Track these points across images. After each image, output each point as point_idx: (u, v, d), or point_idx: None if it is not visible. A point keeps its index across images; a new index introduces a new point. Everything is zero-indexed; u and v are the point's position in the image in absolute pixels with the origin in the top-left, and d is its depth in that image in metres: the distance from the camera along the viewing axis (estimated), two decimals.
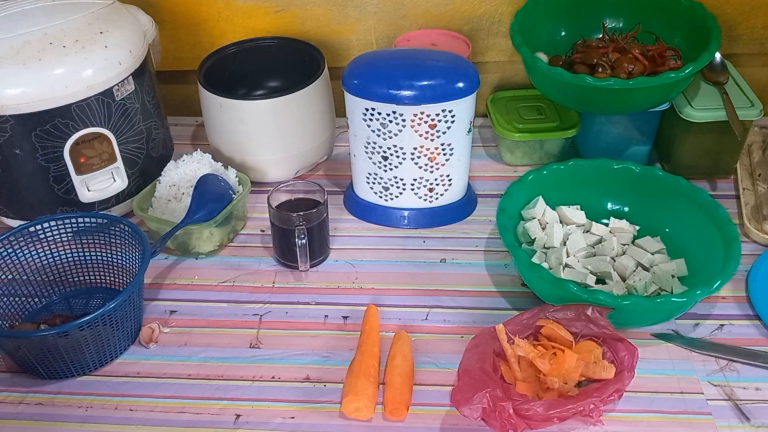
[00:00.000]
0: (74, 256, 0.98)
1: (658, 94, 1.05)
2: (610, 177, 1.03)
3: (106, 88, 0.99)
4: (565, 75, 1.02)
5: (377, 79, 0.98)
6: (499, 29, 1.24)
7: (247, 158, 1.13)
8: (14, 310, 0.95)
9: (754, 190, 1.10)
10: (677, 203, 0.99)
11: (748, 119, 1.06)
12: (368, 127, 1.00)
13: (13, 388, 0.88)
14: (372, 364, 0.85)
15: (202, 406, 0.85)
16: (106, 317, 0.84)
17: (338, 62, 1.24)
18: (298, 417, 0.83)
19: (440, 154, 1.02)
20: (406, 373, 0.85)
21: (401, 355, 0.87)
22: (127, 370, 0.89)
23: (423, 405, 0.84)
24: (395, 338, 0.90)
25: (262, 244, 1.07)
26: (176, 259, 1.04)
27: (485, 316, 0.94)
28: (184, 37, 1.27)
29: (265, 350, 0.91)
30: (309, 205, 0.99)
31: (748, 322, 0.93)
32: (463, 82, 0.97)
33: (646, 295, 0.92)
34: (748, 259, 0.98)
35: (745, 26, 1.21)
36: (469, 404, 0.76)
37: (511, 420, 0.75)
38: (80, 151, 1.01)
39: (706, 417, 0.81)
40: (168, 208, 1.04)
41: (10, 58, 0.94)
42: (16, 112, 0.95)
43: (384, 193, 1.07)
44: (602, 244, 0.99)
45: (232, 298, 0.98)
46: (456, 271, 1.01)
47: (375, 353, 0.87)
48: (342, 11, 1.23)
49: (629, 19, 1.16)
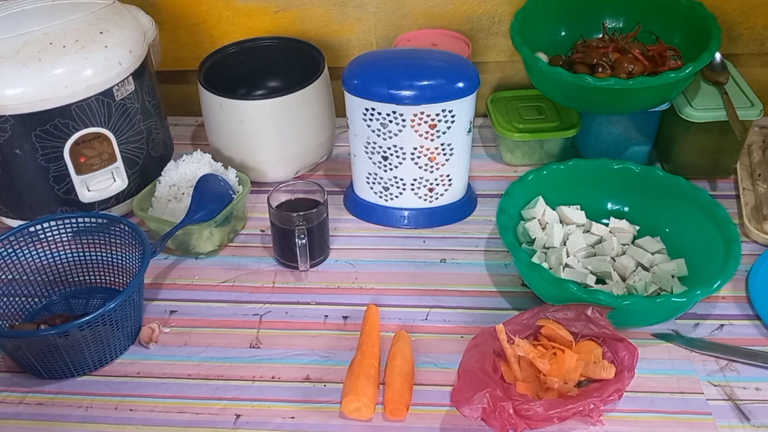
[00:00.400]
0: (74, 256, 0.98)
1: (658, 94, 1.05)
2: (610, 177, 1.03)
3: (106, 88, 0.99)
4: (565, 75, 1.02)
5: (377, 79, 0.98)
6: (499, 29, 1.24)
7: (247, 158, 1.13)
8: (14, 310, 0.95)
9: (754, 190, 1.10)
10: (677, 203, 0.99)
11: (748, 119, 1.06)
12: (368, 127, 1.00)
13: (13, 388, 0.88)
14: (372, 364, 0.85)
15: (202, 406, 0.85)
16: (106, 317, 0.84)
17: (338, 62, 1.24)
18: (298, 417, 0.83)
19: (440, 154, 1.02)
20: (406, 373, 0.85)
21: (401, 355, 0.87)
22: (127, 370, 0.89)
23: (423, 405, 0.84)
24: (395, 338, 0.90)
25: (262, 244, 1.07)
26: (176, 259, 1.04)
27: (485, 316, 0.94)
28: (184, 37, 1.27)
29: (265, 350, 0.91)
30: (309, 205, 0.99)
31: (748, 322, 0.93)
32: (463, 82, 0.97)
33: (646, 295, 0.92)
34: (748, 259, 0.98)
35: (745, 26, 1.21)
36: (469, 404, 0.76)
37: (511, 420, 0.75)
38: (80, 151, 1.01)
39: (706, 417, 0.81)
40: (168, 208, 1.04)
41: (10, 58, 0.94)
42: (16, 112, 0.95)
43: (384, 193, 1.07)
44: (602, 244, 0.99)
45: (232, 298, 0.98)
46: (456, 271, 1.01)
47: (375, 353, 0.87)
48: (342, 11, 1.23)
49: (629, 19, 1.16)
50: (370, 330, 0.90)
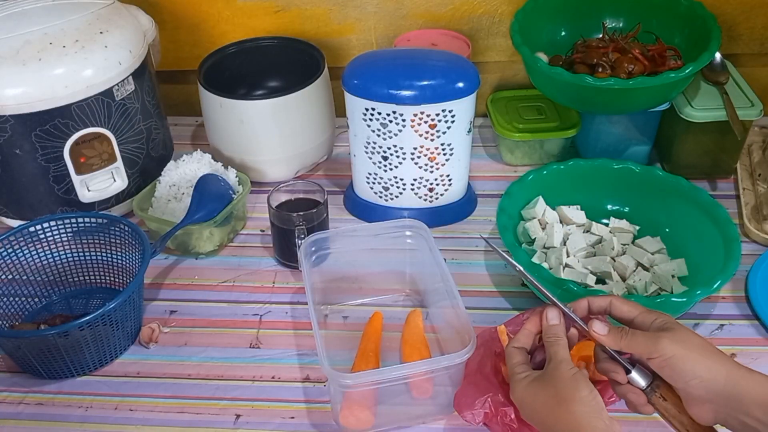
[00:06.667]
0: (74, 256, 0.98)
1: (658, 94, 1.05)
2: (610, 177, 1.03)
3: (106, 88, 0.99)
4: (565, 75, 1.02)
5: (377, 79, 0.98)
6: (499, 29, 1.24)
7: (247, 158, 1.13)
8: (14, 310, 0.95)
9: (754, 190, 1.10)
10: (677, 203, 0.99)
11: (748, 119, 1.06)
12: (368, 127, 1.00)
13: (13, 388, 0.88)
14: (372, 364, 0.86)
15: (202, 406, 0.85)
16: (106, 317, 0.84)
17: (338, 62, 1.24)
18: (298, 417, 0.83)
19: (440, 154, 1.02)
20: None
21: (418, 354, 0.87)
22: (127, 370, 0.89)
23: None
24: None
25: (262, 244, 1.07)
26: (176, 259, 1.04)
27: (485, 316, 0.94)
28: (184, 37, 1.27)
29: (265, 350, 0.91)
30: (309, 205, 0.99)
31: (748, 323, 0.93)
32: (463, 82, 0.97)
33: (646, 295, 0.92)
34: (748, 259, 0.98)
35: (745, 26, 1.21)
36: (471, 409, 0.76)
37: (512, 425, 0.75)
38: (80, 151, 1.01)
39: None
40: (168, 208, 1.04)
41: (10, 58, 0.94)
42: (16, 112, 0.95)
43: (384, 193, 1.07)
44: (602, 244, 0.99)
45: (232, 298, 0.98)
46: (456, 271, 1.00)
47: (375, 354, 0.87)
48: (342, 11, 1.23)
49: (629, 19, 1.16)
50: (373, 332, 0.90)
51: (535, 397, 0.68)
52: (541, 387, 0.68)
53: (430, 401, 0.83)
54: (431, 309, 0.94)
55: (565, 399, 0.66)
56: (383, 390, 0.80)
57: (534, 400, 0.68)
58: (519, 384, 0.70)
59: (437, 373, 0.80)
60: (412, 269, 0.96)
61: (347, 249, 0.93)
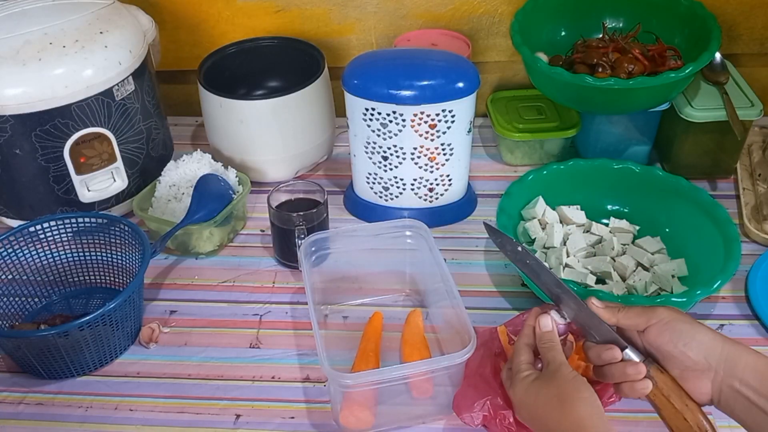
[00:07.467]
0: (74, 256, 0.98)
1: (658, 94, 1.05)
2: (610, 177, 1.03)
3: (106, 88, 0.99)
4: (565, 75, 1.02)
5: (377, 79, 0.98)
6: (499, 29, 1.24)
7: (247, 158, 1.13)
8: (14, 310, 0.95)
9: (754, 190, 1.10)
10: (677, 203, 0.99)
11: (748, 119, 1.06)
12: (368, 127, 1.00)
13: (13, 388, 0.88)
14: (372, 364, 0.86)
15: (202, 406, 0.85)
16: (106, 317, 0.84)
17: (338, 62, 1.24)
18: (298, 417, 0.83)
19: (440, 154, 1.02)
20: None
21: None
22: (127, 370, 0.89)
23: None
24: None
25: (262, 244, 1.07)
26: (176, 259, 1.04)
27: (485, 316, 0.94)
28: (184, 37, 1.27)
29: (265, 350, 0.91)
30: (309, 205, 0.99)
31: (748, 323, 0.93)
32: (463, 82, 0.97)
33: (646, 295, 0.92)
34: (748, 259, 0.98)
35: (745, 26, 1.21)
36: (470, 411, 0.76)
37: (511, 428, 0.75)
38: (80, 151, 1.01)
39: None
40: (168, 208, 1.04)
41: (10, 58, 0.94)
42: (16, 112, 0.95)
43: (384, 193, 1.07)
44: (602, 244, 0.99)
45: (232, 298, 0.98)
46: (456, 271, 1.00)
47: (375, 354, 0.87)
48: (342, 11, 1.23)
49: (629, 19, 1.16)
50: (373, 332, 0.90)
51: (536, 397, 0.69)
52: (542, 387, 0.69)
53: (430, 401, 0.83)
54: (431, 309, 0.94)
55: (568, 399, 0.66)
56: (383, 390, 0.80)
57: (535, 400, 0.69)
58: (521, 383, 0.70)
59: (437, 373, 0.80)
60: (412, 269, 0.96)
61: (347, 249, 0.93)
